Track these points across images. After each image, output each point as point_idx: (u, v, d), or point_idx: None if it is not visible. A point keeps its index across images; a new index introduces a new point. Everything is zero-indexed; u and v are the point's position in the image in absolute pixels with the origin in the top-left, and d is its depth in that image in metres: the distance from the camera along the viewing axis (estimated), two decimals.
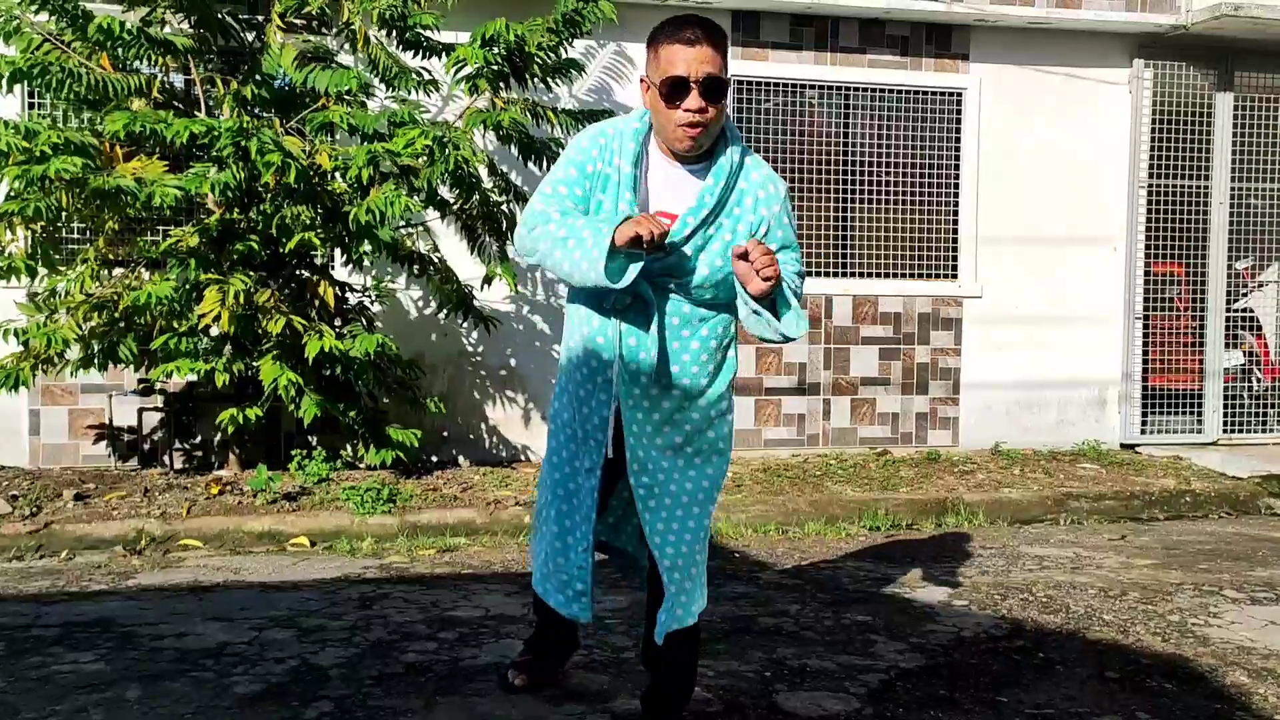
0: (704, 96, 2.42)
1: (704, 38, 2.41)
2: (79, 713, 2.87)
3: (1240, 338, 7.74)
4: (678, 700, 2.80)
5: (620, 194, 2.51)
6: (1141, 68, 7.38)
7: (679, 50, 2.42)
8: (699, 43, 2.41)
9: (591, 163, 2.57)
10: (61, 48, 5.29)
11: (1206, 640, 3.64)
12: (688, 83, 2.41)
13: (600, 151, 2.57)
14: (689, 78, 2.40)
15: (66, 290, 5.45)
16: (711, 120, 2.45)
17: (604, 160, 2.56)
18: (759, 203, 2.55)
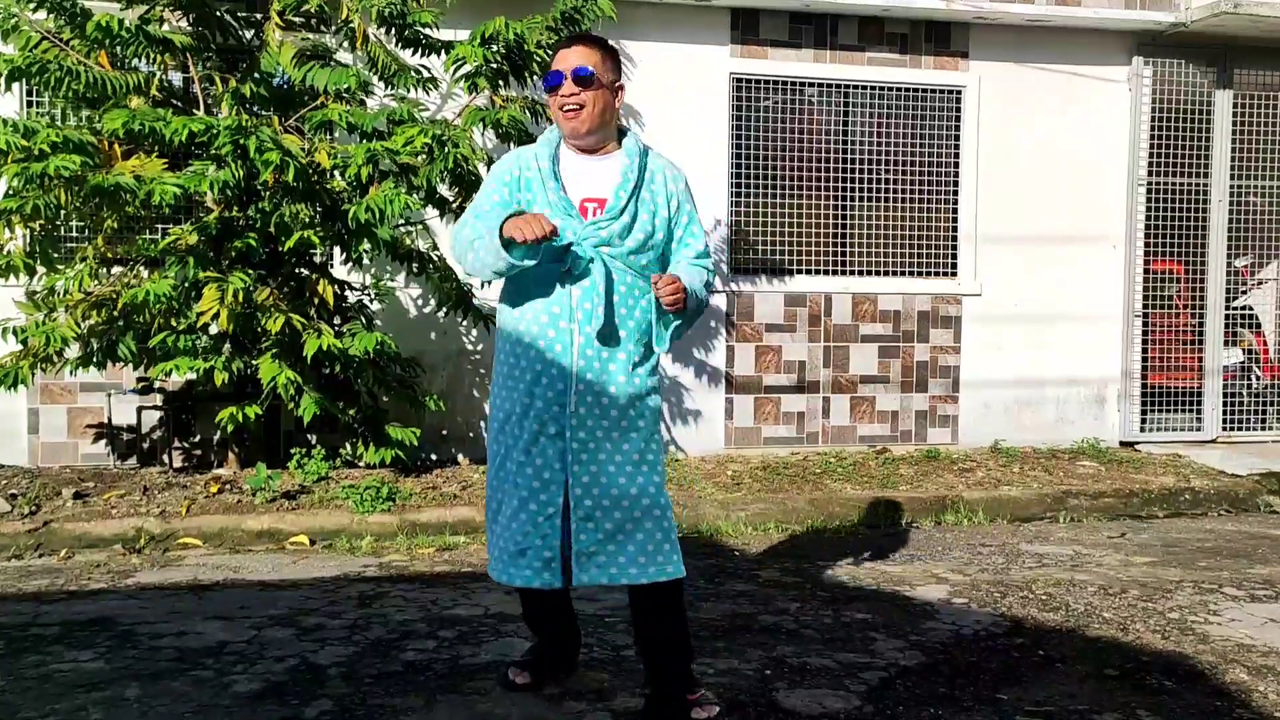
0: (575, 83, 2.86)
1: (578, 42, 2.94)
2: (78, 711, 2.87)
3: (1239, 335, 7.74)
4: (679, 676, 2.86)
5: (545, 186, 2.89)
6: (1141, 65, 7.37)
7: (560, 53, 2.93)
8: (574, 44, 2.92)
9: (510, 174, 2.95)
10: (60, 46, 5.28)
11: (1206, 638, 3.64)
12: (561, 74, 2.88)
13: (516, 163, 2.97)
14: (562, 71, 2.88)
15: (65, 288, 5.44)
16: (586, 103, 2.87)
17: (522, 169, 2.95)
18: (667, 180, 2.99)
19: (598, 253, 2.84)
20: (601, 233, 2.85)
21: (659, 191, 2.96)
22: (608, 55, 2.93)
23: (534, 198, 2.90)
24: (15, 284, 5.64)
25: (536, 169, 2.92)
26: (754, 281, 6.99)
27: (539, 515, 2.80)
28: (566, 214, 2.85)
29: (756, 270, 6.99)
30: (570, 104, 2.87)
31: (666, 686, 2.85)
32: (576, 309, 2.82)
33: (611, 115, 2.95)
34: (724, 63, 6.90)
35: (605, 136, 2.95)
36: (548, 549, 2.79)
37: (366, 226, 5.25)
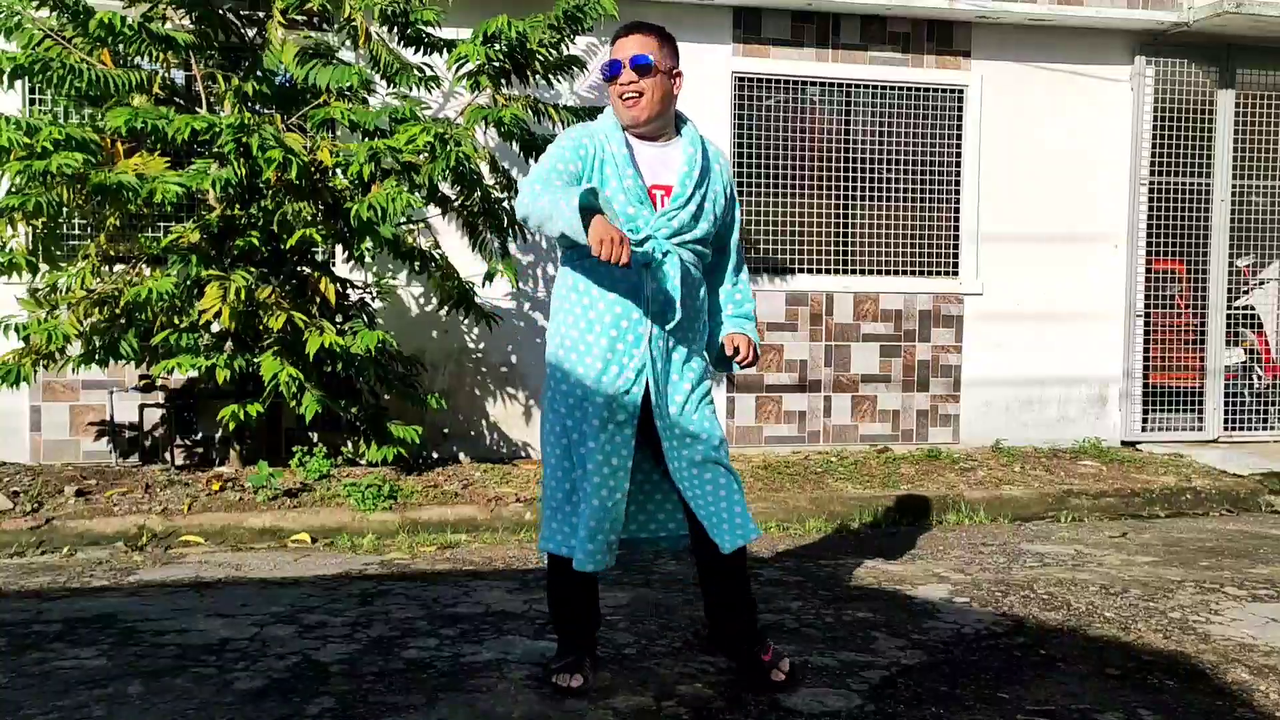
0: (633, 70, 2.92)
1: (636, 30, 2.98)
2: (80, 709, 2.87)
3: (1241, 335, 7.74)
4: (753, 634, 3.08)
5: (620, 172, 2.92)
6: (1143, 65, 7.37)
7: (618, 42, 2.99)
8: (632, 33, 2.97)
9: (583, 149, 2.95)
10: (63, 43, 5.29)
11: (1207, 637, 3.64)
12: (620, 63, 2.94)
13: (590, 141, 2.96)
14: (621, 59, 2.94)
15: (67, 286, 5.45)
16: (645, 91, 2.92)
17: (597, 149, 2.95)
18: (723, 169, 3.09)
19: (671, 245, 2.92)
20: (673, 223, 2.93)
21: (716, 180, 3.05)
22: (665, 42, 2.99)
23: (607, 181, 2.94)
24: (17, 281, 5.65)
25: (610, 153, 2.95)
26: (755, 280, 6.99)
27: (609, 501, 2.88)
28: (640, 202, 2.92)
29: (758, 269, 6.99)
30: (630, 91, 2.93)
31: (736, 642, 3.08)
32: (652, 300, 2.91)
33: (670, 102, 3.00)
34: (726, 62, 6.90)
35: (664, 123, 3.01)
36: (613, 533, 2.90)
37: (368, 225, 5.26)
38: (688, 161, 2.98)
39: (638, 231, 2.89)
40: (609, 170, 2.93)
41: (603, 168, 2.94)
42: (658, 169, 2.98)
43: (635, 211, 2.91)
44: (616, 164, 2.93)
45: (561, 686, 2.98)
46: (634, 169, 2.93)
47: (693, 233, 2.97)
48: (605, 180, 2.93)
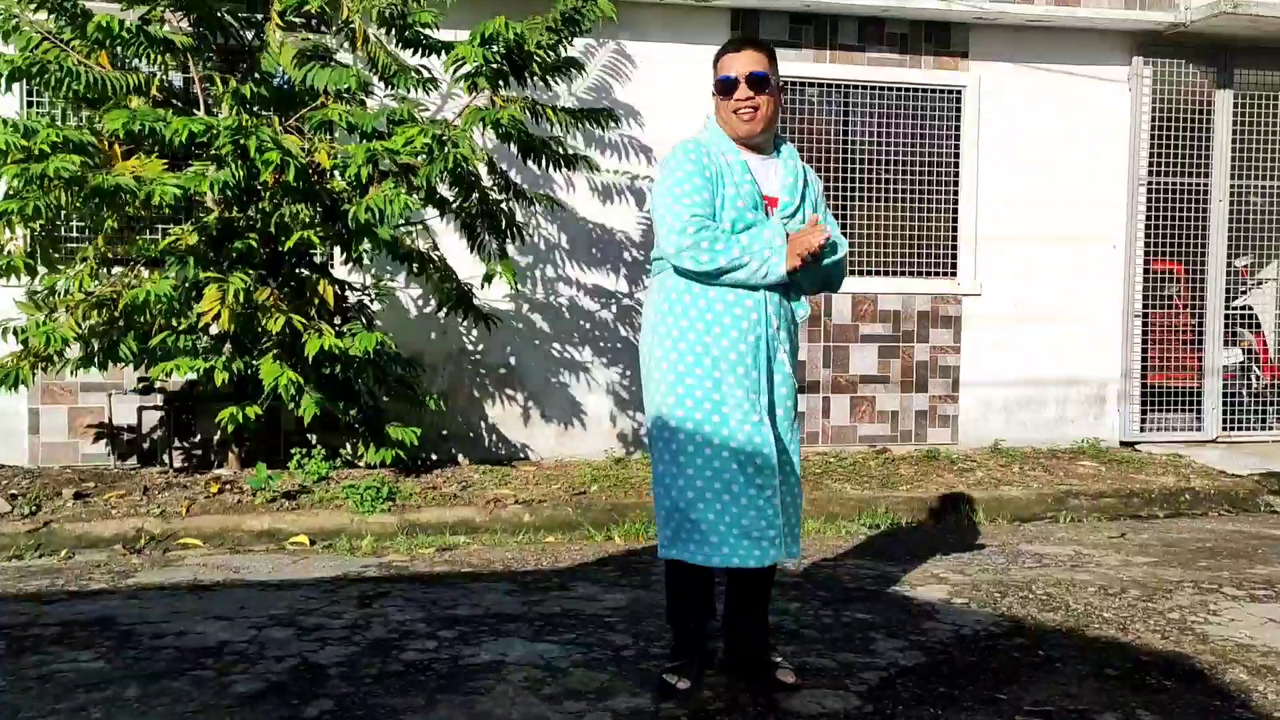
0: (750, 86, 3.00)
1: (748, 45, 3.08)
2: (79, 711, 2.87)
3: (1239, 335, 7.74)
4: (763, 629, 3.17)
5: (738, 179, 3.01)
6: (1141, 65, 7.38)
7: (729, 58, 3.06)
8: (744, 49, 3.06)
9: (705, 168, 3.01)
10: (60, 46, 5.28)
11: (1206, 638, 3.64)
12: (735, 79, 3.01)
13: (706, 160, 3.02)
14: (736, 76, 3.01)
15: (66, 289, 5.45)
16: (761, 106, 3.01)
17: (713, 162, 3.03)
18: (813, 182, 3.18)
19: None
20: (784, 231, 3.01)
21: (810, 193, 3.15)
22: (774, 58, 3.09)
23: (724, 191, 3.01)
24: (16, 284, 5.65)
25: (727, 163, 3.03)
26: None
27: (759, 499, 2.94)
28: (756, 208, 3.01)
29: None
30: (746, 107, 3.01)
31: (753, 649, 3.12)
32: (767, 302, 3.00)
33: (777, 117, 3.11)
34: None
35: (770, 138, 3.12)
36: (772, 528, 2.95)
37: (366, 226, 5.26)
38: (791, 173, 3.09)
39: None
40: (727, 180, 3.01)
41: (722, 180, 3.01)
42: (765, 181, 3.08)
43: (755, 216, 3.00)
44: (734, 174, 3.02)
45: (669, 684, 3.01)
46: (751, 176, 3.03)
47: None
48: (722, 191, 3.01)
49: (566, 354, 6.81)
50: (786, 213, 3.05)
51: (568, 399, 6.81)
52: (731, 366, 2.96)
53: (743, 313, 2.98)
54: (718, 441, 2.94)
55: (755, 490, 2.93)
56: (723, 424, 2.94)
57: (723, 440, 2.94)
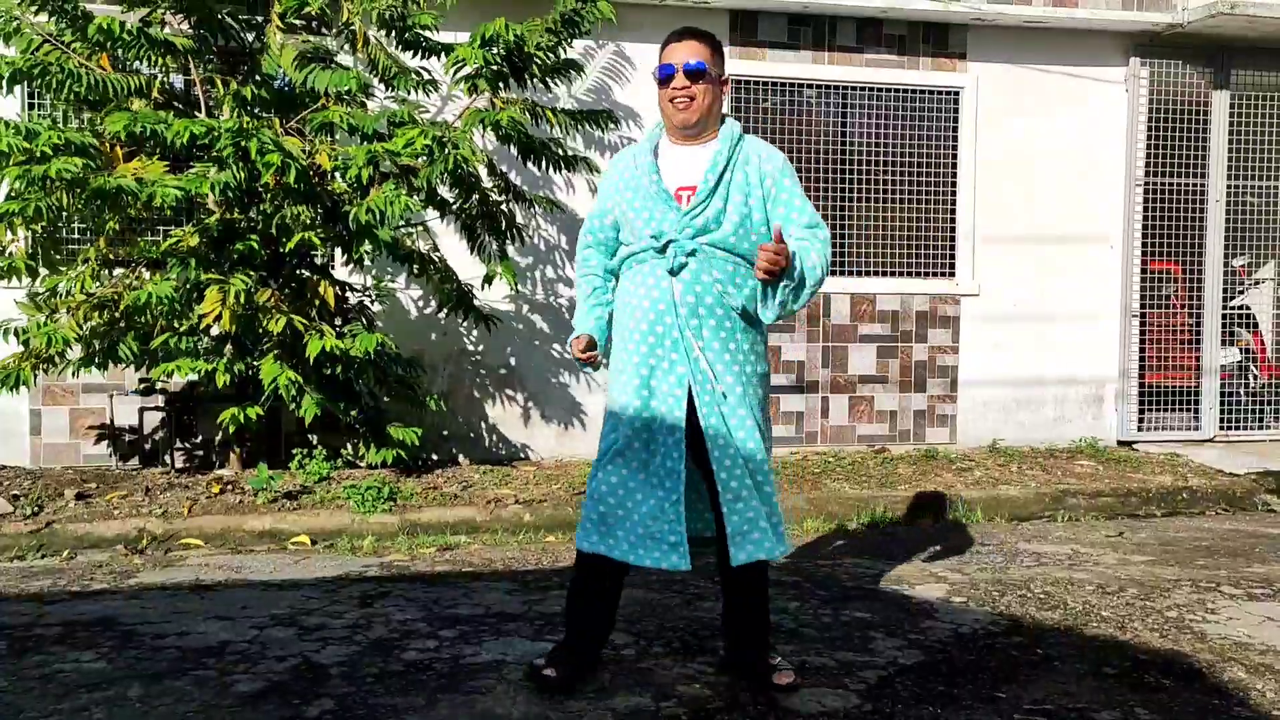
0: (686, 76, 3.00)
1: (688, 36, 3.06)
2: (81, 712, 2.88)
3: (1237, 335, 7.76)
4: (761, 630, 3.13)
5: (644, 178, 3.05)
6: (1138, 66, 7.39)
7: (670, 48, 3.07)
8: (684, 39, 3.06)
9: (611, 182, 3.16)
10: (61, 48, 5.30)
11: (1204, 636, 3.65)
12: (673, 68, 3.02)
13: (617, 167, 3.16)
14: (674, 64, 3.02)
15: (67, 290, 5.46)
16: (696, 96, 3.00)
17: (623, 171, 3.13)
18: (762, 160, 3.06)
19: (697, 244, 2.96)
20: (697, 221, 2.97)
21: (753, 171, 3.04)
22: (716, 50, 3.07)
23: (635, 196, 3.06)
24: (17, 285, 5.66)
25: (634, 166, 3.09)
26: None
27: (665, 503, 2.94)
28: (665, 203, 3.00)
29: None
30: (682, 96, 3.00)
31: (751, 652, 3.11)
32: (680, 304, 2.96)
33: (718, 108, 3.09)
34: None
35: (708, 126, 3.07)
36: (673, 534, 2.95)
37: (367, 228, 5.27)
38: (713, 157, 3.02)
39: (662, 236, 2.97)
40: (634, 186, 3.06)
41: (627, 187, 3.08)
42: (686, 170, 3.04)
43: (661, 215, 2.99)
44: (640, 174, 3.05)
45: (537, 666, 3.05)
46: (656, 172, 3.03)
47: (720, 231, 2.99)
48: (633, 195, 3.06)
49: (566, 354, 6.82)
50: (699, 199, 2.97)
51: (568, 399, 6.82)
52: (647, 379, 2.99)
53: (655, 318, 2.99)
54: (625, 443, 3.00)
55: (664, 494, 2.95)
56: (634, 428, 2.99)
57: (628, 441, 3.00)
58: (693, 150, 3.07)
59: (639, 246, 3.04)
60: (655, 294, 2.99)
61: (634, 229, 3.07)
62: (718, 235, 2.98)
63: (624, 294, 3.10)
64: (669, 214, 2.99)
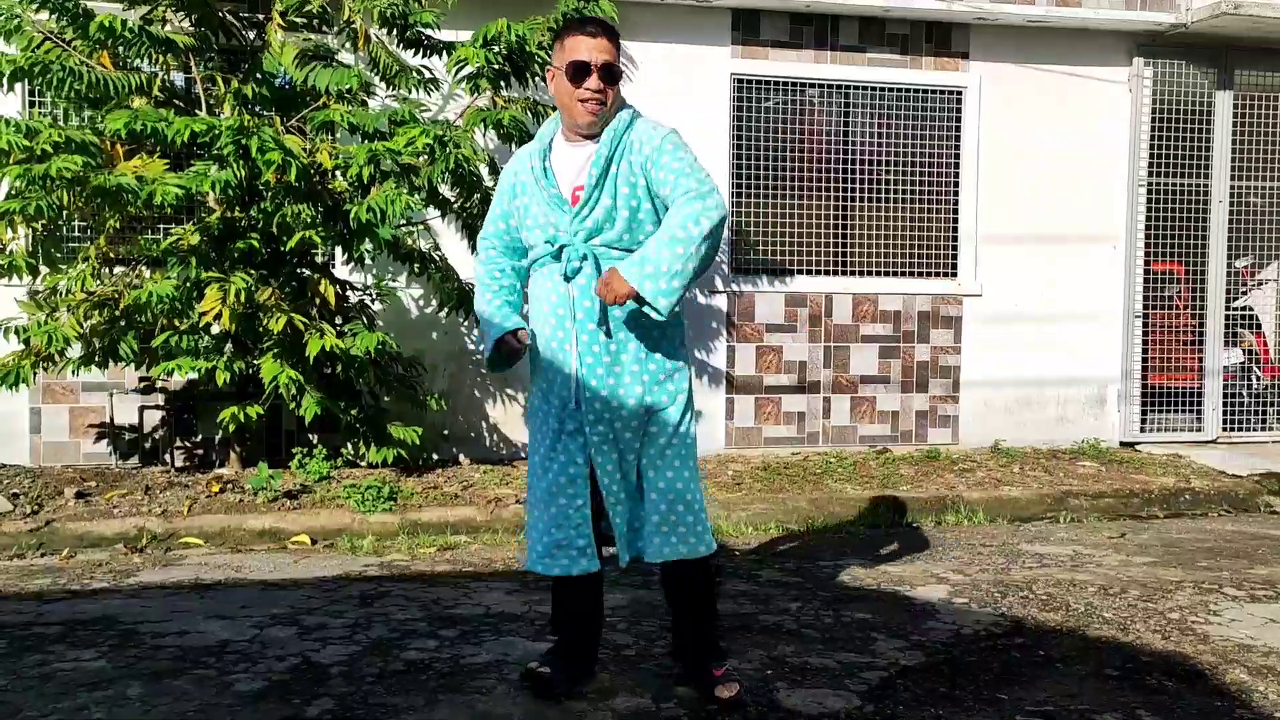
0: (602, 78, 2.86)
1: (601, 31, 2.90)
2: (80, 710, 2.88)
3: (1240, 336, 7.75)
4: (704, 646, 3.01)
5: (539, 185, 2.94)
6: (1141, 66, 7.38)
7: (581, 40, 2.88)
8: (599, 35, 2.89)
9: (508, 184, 3.06)
10: (62, 46, 5.29)
11: (1206, 638, 3.64)
12: (589, 66, 2.85)
13: (513, 170, 3.06)
14: (590, 63, 2.85)
15: (67, 288, 5.46)
16: (609, 99, 2.89)
17: (518, 173, 3.03)
18: (643, 144, 2.89)
19: (589, 248, 2.87)
20: (587, 222, 2.87)
21: (636, 159, 2.87)
22: (619, 44, 2.97)
23: (531, 199, 2.97)
24: (17, 284, 5.65)
25: (529, 168, 2.98)
26: (755, 282, 7.00)
27: (569, 508, 2.90)
28: (560, 208, 2.91)
29: (757, 271, 7.00)
30: (594, 100, 2.87)
31: (691, 653, 3.02)
32: (576, 308, 2.88)
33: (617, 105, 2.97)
34: (725, 63, 6.91)
35: (602, 125, 2.92)
36: (581, 538, 2.89)
37: (368, 226, 5.27)
38: (595, 153, 2.88)
39: (556, 240, 2.89)
40: (529, 189, 2.96)
41: (525, 189, 2.98)
42: (579, 170, 2.91)
43: (556, 219, 2.91)
44: (535, 179, 2.95)
45: (531, 667, 3.01)
46: (549, 178, 2.92)
47: (614, 229, 2.87)
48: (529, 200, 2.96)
49: None
50: (584, 200, 2.86)
51: None
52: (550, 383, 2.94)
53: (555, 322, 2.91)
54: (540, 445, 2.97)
55: (565, 501, 2.90)
56: (541, 434, 2.96)
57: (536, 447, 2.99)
58: (584, 149, 2.92)
59: (538, 252, 2.95)
60: (554, 298, 2.91)
61: (530, 234, 2.99)
62: (611, 235, 2.86)
63: (533, 300, 3.00)
64: (563, 216, 2.89)
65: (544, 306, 2.94)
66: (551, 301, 2.92)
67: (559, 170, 2.94)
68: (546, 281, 2.93)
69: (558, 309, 2.91)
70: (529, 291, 3.05)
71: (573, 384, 2.88)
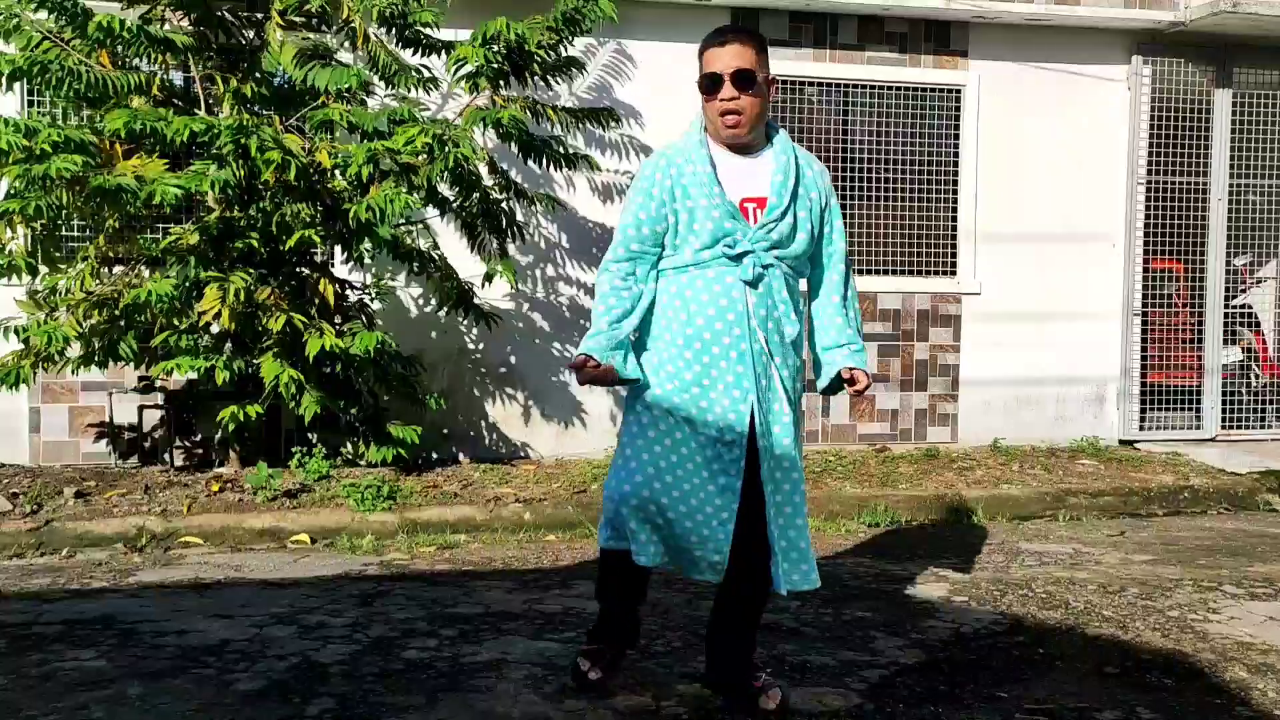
0: (735, 86, 2.79)
1: (733, 38, 2.84)
2: (80, 710, 2.88)
3: (1239, 334, 7.75)
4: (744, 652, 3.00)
5: (707, 191, 2.83)
6: (1140, 64, 7.38)
7: (713, 51, 2.85)
8: (729, 42, 2.83)
9: (660, 185, 2.88)
10: (61, 45, 5.29)
11: (1205, 636, 3.65)
12: (720, 77, 2.80)
13: (666, 171, 2.89)
14: (721, 73, 2.80)
15: (67, 288, 5.45)
16: (746, 108, 2.81)
17: (675, 177, 2.87)
18: (816, 175, 2.95)
19: (772, 258, 2.84)
20: (771, 235, 2.84)
21: (810, 187, 2.92)
22: (762, 50, 2.87)
23: (694, 204, 2.85)
24: (17, 283, 5.65)
25: (693, 173, 2.85)
26: None
27: (714, 519, 2.80)
28: (732, 217, 2.82)
29: None
30: (732, 109, 2.81)
31: (730, 672, 2.97)
32: (752, 316, 2.82)
33: (767, 113, 2.90)
34: None
35: (759, 135, 2.90)
36: (717, 552, 2.81)
37: (367, 226, 5.26)
38: (781, 170, 2.86)
39: (736, 245, 2.81)
40: (694, 192, 2.84)
41: (686, 193, 2.85)
42: (747, 181, 2.87)
43: (732, 228, 2.82)
44: (701, 184, 2.83)
45: (581, 670, 2.98)
46: (719, 186, 2.83)
47: (794, 245, 2.88)
48: (693, 205, 2.84)
49: (567, 353, 6.81)
50: (774, 214, 2.84)
51: (568, 398, 6.81)
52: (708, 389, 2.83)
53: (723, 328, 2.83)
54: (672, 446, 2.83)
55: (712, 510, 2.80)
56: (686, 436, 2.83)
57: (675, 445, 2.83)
58: (751, 160, 2.89)
59: (709, 254, 2.83)
60: (724, 302, 2.81)
61: (699, 240, 2.84)
62: (790, 250, 2.87)
63: (679, 299, 2.87)
64: (739, 227, 2.82)
65: (707, 308, 2.82)
66: (720, 305, 2.82)
67: (725, 180, 2.86)
68: (715, 283, 2.83)
69: (728, 312, 2.81)
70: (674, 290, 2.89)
71: (751, 391, 2.80)
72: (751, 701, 2.89)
